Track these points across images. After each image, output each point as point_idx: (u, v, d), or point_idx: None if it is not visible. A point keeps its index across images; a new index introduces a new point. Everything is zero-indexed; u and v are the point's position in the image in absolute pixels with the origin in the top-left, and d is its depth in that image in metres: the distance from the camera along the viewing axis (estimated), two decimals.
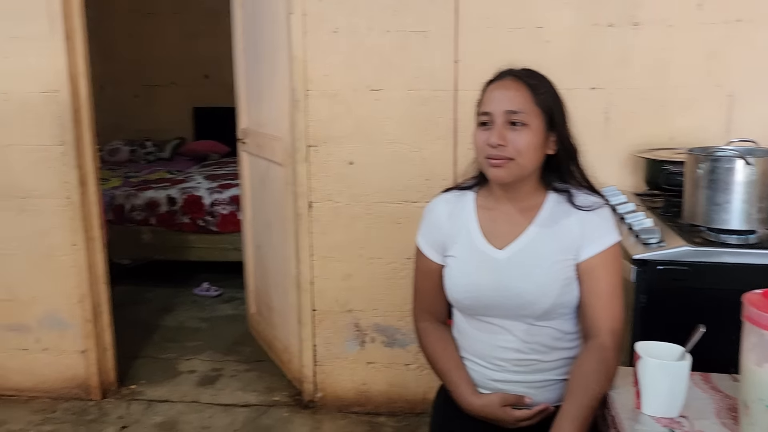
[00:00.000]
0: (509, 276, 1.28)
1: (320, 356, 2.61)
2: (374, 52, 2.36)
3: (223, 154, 5.79)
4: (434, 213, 1.42)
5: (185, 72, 6.01)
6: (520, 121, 1.26)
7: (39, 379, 2.74)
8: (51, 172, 2.58)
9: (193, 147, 5.82)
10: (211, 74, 6.00)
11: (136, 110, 6.07)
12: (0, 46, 2.50)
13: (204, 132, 6.09)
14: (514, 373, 1.31)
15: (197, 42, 5.95)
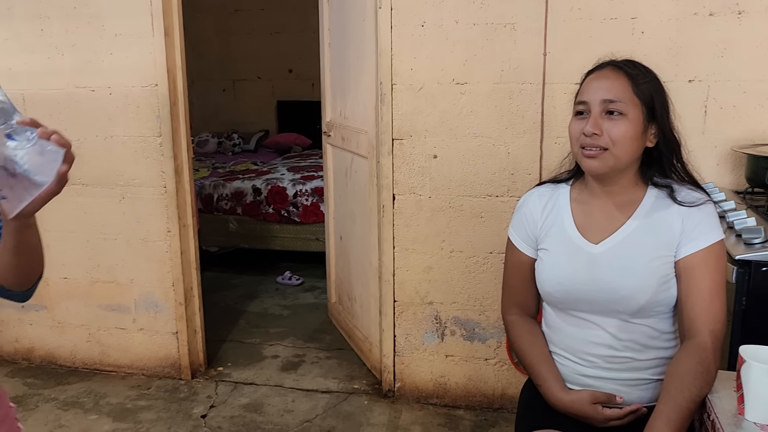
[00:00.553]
0: (604, 271, 1.25)
1: (400, 347, 2.64)
2: (460, 46, 2.35)
3: (304, 146, 5.93)
4: (527, 206, 1.41)
5: (270, 66, 6.19)
6: (618, 110, 1.23)
7: (135, 357, 2.91)
8: (149, 162, 2.72)
9: (277, 139, 5.98)
10: (295, 68, 6.15)
11: (224, 104, 6.30)
12: (105, 43, 2.66)
13: (287, 125, 6.25)
14: (605, 370, 1.28)
15: (282, 37, 6.11)
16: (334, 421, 2.51)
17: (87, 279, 2.88)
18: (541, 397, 1.34)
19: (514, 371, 2.54)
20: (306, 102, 6.12)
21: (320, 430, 2.46)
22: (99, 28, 2.65)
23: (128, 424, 2.51)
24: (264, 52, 6.16)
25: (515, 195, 2.40)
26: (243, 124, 6.30)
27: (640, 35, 2.19)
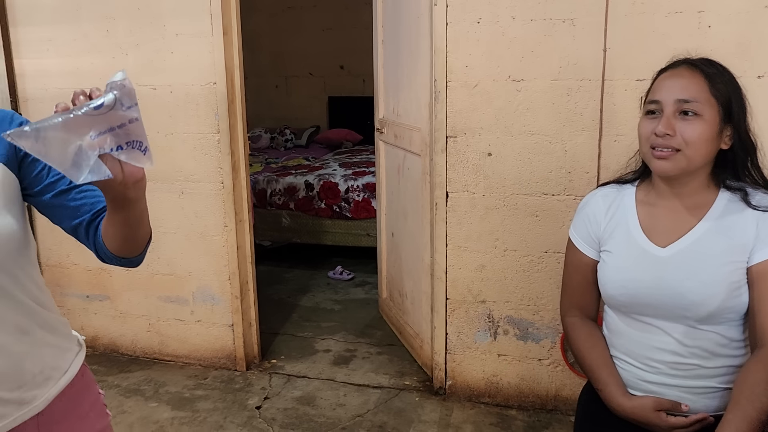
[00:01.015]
0: (672, 275, 1.22)
1: (451, 345, 2.64)
2: (517, 42, 2.32)
3: (355, 142, 5.97)
4: (590, 206, 1.38)
5: (322, 63, 6.25)
6: (693, 111, 1.19)
7: (192, 347, 3.00)
8: (207, 159, 2.79)
9: (328, 135, 6.04)
10: (346, 65, 6.19)
11: (276, 100, 6.41)
12: (167, 42, 2.73)
13: (338, 121, 6.30)
14: (670, 377, 1.25)
15: (334, 34, 6.16)
16: (386, 417, 2.53)
17: (147, 271, 2.97)
18: (601, 402, 1.32)
19: (568, 372, 2.50)
20: (357, 98, 6.17)
21: (372, 425, 2.48)
22: (161, 28, 2.72)
23: (186, 413, 2.59)
24: (316, 48, 6.23)
25: (572, 194, 2.37)
26: (295, 119, 6.39)
27: (707, 29, 2.12)
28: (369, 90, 6.18)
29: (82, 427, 1.07)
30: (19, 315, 0.97)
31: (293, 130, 6.15)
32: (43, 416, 1.00)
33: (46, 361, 1.01)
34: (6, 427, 0.95)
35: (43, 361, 1.01)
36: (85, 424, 1.08)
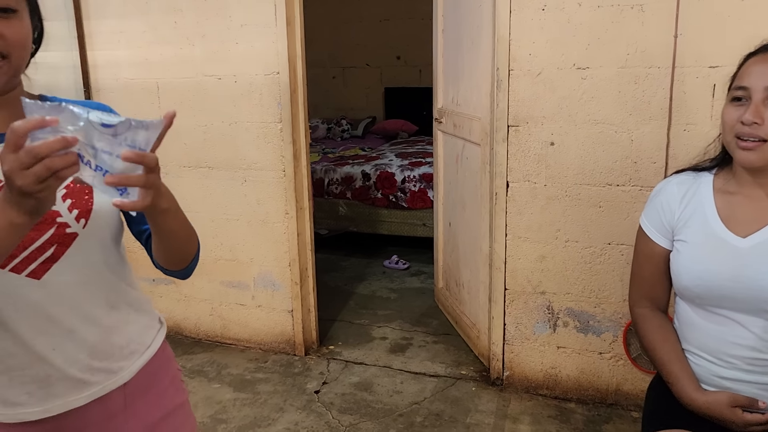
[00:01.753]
0: (753, 267, 1.18)
1: (509, 335, 2.62)
2: (583, 29, 2.28)
3: (411, 132, 5.97)
4: (665, 194, 1.33)
5: (378, 53, 6.27)
6: None
7: (253, 332, 3.07)
8: (270, 147, 2.84)
9: (384, 125, 6.06)
10: (403, 55, 6.19)
11: (333, 90, 6.46)
12: (232, 33, 2.79)
13: (393, 111, 6.31)
14: (746, 373, 1.21)
15: (391, 24, 6.16)
16: (442, 405, 2.54)
17: (210, 257, 3.06)
18: (672, 396, 1.29)
19: (630, 367, 2.45)
20: (413, 88, 6.16)
21: (429, 413, 2.50)
22: (226, 19, 2.79)
23: (247, 395, 2.66)
24: (373, 39, 6.25)
25: (638, 184, 2.31)
26: (351, 110, 6.43)
27: None
28: (425, 81, 6.19)
29: (162, 401, 1.12)
30: (111, 291, 1.03)
31: (350, 121, 6.19)
32: (129, 387, 1.05)
33: (131, 335, 1.07)
34: (96, 394, 1.00)
35: (129, 336, 1.06)
36: (165, 397, 1.13)
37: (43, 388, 0.96)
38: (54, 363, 0.96)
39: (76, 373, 0.98)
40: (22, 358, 0.95)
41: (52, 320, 0.95)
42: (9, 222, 0.74)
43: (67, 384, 0.98)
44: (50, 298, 0.95)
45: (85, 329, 0.99)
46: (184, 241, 0.99)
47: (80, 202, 0.97)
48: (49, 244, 0.94)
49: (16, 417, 0.96)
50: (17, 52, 0.90)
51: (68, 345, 0.97)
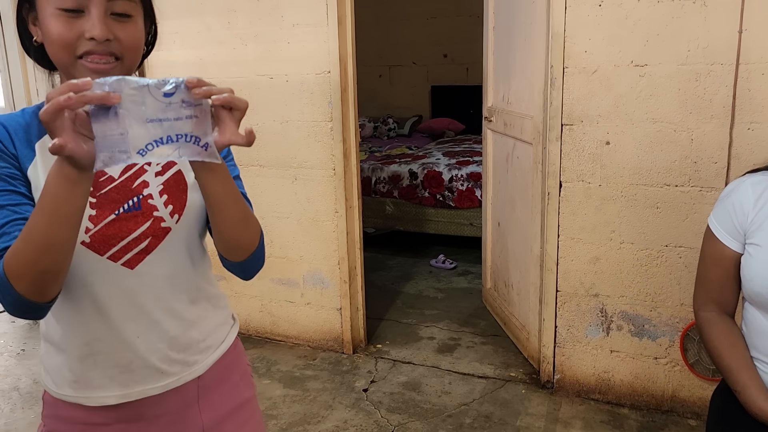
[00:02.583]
0: None
1: (561, 338, 2.58)
2: (641, 25, 2.22)
3: (457, 131, 5.93)
4: (737, 195, 1.26)
5: (425, 52, 6.24)
6: None
7: (302, 329, 3.10)
8: (320, 146, 2.86)
9: (430, 124, 6.04)
10: (450, 53, 6.15)
11: (380, 89, 6.46)
12: (284, 33, 2.82)
13: (440, 110, 6.28)
14: None
15: (438, 22, 6.13)
16: (492, 407, 2.52)
17: None
18: (739, 406, 1.24)
19: (687, 373, 2.38)
20: (460, 87, 6.12)
21: (478, 414, 2.47)
22: (279, 19, 2.82)
23: (297, 391, 2.69)
24: (419, 37, 6.23)
25: (697, 185, 2.24)
26: (397, 109, 6.43)
27: None
28: (472, 79, 6.15)
29: (233, 395, 1.14)
30: (193, 287, 1.07)
31: (396, 119, 6.19)
32: (203, 380, 1.08)
33: (208, 330, 1.09)
34: (172, 384, 1.04)
35: (206, 331, 1.09)
36: (236, 392, 1.15)
37: (124, 374, 1.00)
38: (137, 350, 1.00)
39: (156, 362, 1.02)
40: (109, 343, 0.99)
41: (140, 309, 1.00)
42: (59, 171, 0.77)
43: (146, 372, 1.01)
44: (141, 288, 0.99)
45: (167, 321, 1.02)
46: (238, 222, 0.98)
47: (175, 198, 1.01)
48: (145, 236, 0.98)
49: (97, 400, 1.00)
50: (130, 54, 0.94)
51: (151, 335, 1.01)
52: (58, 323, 0.99)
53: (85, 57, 0.91)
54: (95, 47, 0.91)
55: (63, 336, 1.00)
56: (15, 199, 0.90)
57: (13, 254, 0.83)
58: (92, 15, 0.90)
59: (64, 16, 0.90)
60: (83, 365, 0.99)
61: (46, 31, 0.91)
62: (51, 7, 0.90)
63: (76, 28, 0.90)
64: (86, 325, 0.98)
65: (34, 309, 0.87)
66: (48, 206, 0.79)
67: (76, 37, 0.90)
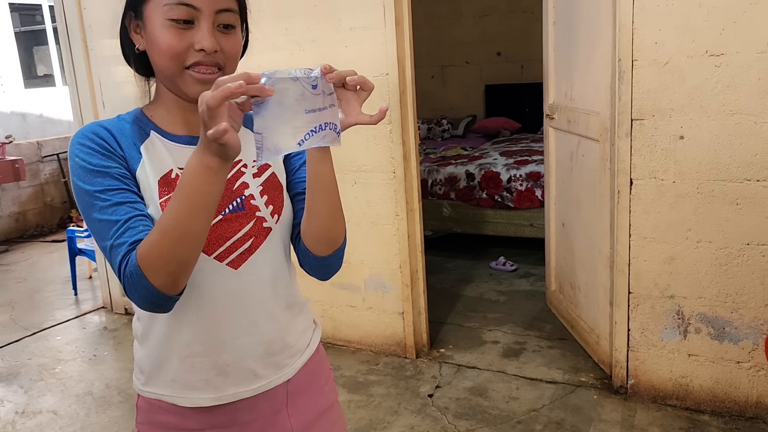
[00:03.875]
0: None
1: (634, 342, 2.48)
2: (716, 13, 2.11)
3: (513, 130, 5.83)
4: None
5: (478, 51, 6.16)
6: None
7: (364, 333, 3.09)
8: (380, 149, 2.84)
9: (485, 124, 5.96)
10: (503, 51, 6.06)
11: (433, 90, 6.41)
12: (342, 36, 2.81)
13: (494, 109, 6.19)
14: None
15: (490, 20, 6.05)
16: (563, 413, 2.44)
17: None
18: None
19: None
20: (515, 85, 6.02)
21: (548, 420, 2.40)
22: (335, 23, 2.81)
23: (362, 397, 2.67)
24: (472, 36, 6.15)
25: None
26: (451, 109, 6.36)
27: None
28: (527, 76, 6.04)
29: (319, 399, 1.14)
30: (288, 290, 1.09)
31: (450, 120, 6.13)
32: (291, 384, 1.08)
33: (297, 334, 1.11)
34: (263, 387, 1.04)
35: (296, 334, 1.10)
36: (321, 396, 1.15)
37: (220, 375, 1.01)
38: (234, 352, 1.01)
39: (251, 364, 1.03)
40: (208, 344, 1.00)
41: (242, 311, 1.01)
42: (200, 161, 0.80)
43: (241, 375, 1.02)
44: (244, 289, 1.00)
45: (266, 324, 1.04)
46: (335, 210, 1.03)
47: (275, 198, 1.05)
48: (248, 236, 1.00)
49: (192, 401, 1.01)
50: (231, 63, 0.97)
51: (250, 337, 1.02)
52: (159, 323, 1.01)
53: (193, 67, 0.94)
54: (204, 58, 0.94)
55: (164, 336, 1.01)
56: (131, 197, 0.92)
57: (149, 247, 0.85)
58: (202, 27, 0.93)
59: (175, 27, 0.92)
60: (182, 365, 1.01)
61: (155, 40, 0.94)
62: (161, 18, 0.92)
63: (186, 39, 0.93)
64: (189, 326, 0.99)
65: (164, 301, 0.89)
66: (188, 196, 0.82)
67: (186, 48, 0.93)
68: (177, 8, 0.91)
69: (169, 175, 0.96)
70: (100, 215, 0.89)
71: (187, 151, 0.97)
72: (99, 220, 0.90)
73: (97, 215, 0.90)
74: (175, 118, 1.01)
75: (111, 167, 0.92)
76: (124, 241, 0.88)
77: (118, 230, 0.88)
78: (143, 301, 0.88)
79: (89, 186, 0.90)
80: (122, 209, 0.90)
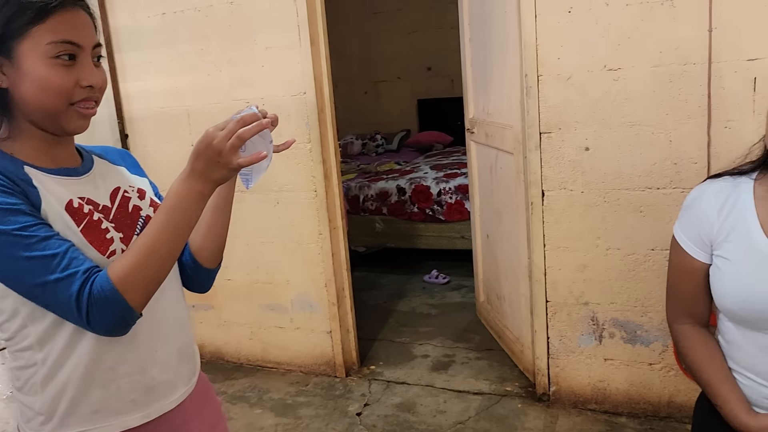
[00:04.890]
0: None
1: (554, 349, 2.53)
2: (612, 29, 2.20)
3: (446, 144, 5.92)
4: (701, 204, 1.20)
5: (409, 66, 6.25)
6: None
7: (293, 354, 3.06)
8: (300, 168, 2.84)
9: (418, 138, 6.03)
10: (434, 66, 6.15)
11: (366, 105, 6.46)
12: (258, 56, 2.80)
13: (428, 123, 6.27)
14: None
15: (420, 36, 6.14)
16: (488, 424, 2.47)
17: (247, 280, 3.06)
18: (720, 417, 1.19)
19: (683, 377, 2.34)
20: (446, 99, 6.11)
21: None
22: (251, 43, 2.80)
23: (289, 419, 2.64)
24: (403, 52, 6.24)
25: (679, 186, 2.21)
26: (385, 124, 6.42)
27: None
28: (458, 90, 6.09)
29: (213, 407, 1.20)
30: (183, 297, 1.15)
31: (384, 135, 6.18)
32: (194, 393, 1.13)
33: (195, 349, 1.16)
34: (180, 398, 1.08)
35: (193, 349, 1.16)
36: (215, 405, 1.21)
37: (147, 393, 1.03)
38: (157, 366, 1.04)
39: (170, 375, 1.06)
40: (135, 362, 1.01)
41: (158, 323, 1.04)
42: (191, 188, 0.91)
43: (163, 388, 1.05)
44: (159, 302, 1.01)
45: (177, 333, 1.09)
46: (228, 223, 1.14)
47: None
48: None
49: (120, 426, 1.01)
50: (102, 95, 1.01)
51: (167, 348, 1.06)
52: (76, 357, 0.97)
53: (79, 104, 0.97)
54: (90, 94, 0.97)
55: (83, 369, 0.98)
56: (52, 230, 0.92)
57: (130, 269, 0.89)
58: (85, 63, 0.96)
59: (61, 65, 0.94)
60: (106, 392, 0.99)
61: (38, 78, 0.93)
62: (43, 56, 0.93)
63: (72, 76, 0.95)
64: (116, 347, 0.99)
65: (134, 322, 0.92)
66: (178, 219, 0.91)
67: (73, 85, 0.95)
68: (61, 45, 0.93)
69: (71, 204, 0.97)
70: (30, 252, 0.88)
71: (71, 182, 1.00)
72: (29, 257, 0.87)
73: (25, 253, 0.87)
74: (43, 154, 1.00)
75: (19, 204, 0.90)
76: (74, 271, 0.88)
77: (61, 263, 0.88)
78: (113, 324, 0.90)
79: (6, 226, 0.88)
80: (53, 243, 0.89)
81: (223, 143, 0.89)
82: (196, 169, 0.91)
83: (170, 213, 0.91)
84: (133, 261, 0.89)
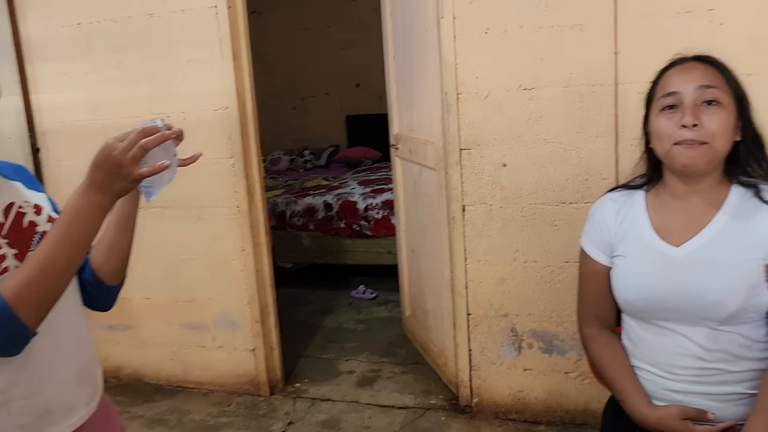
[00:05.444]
0: (689, 276, 1.17)
1: (476, 361, 2.58)
2: (526, 51, 2.29)
3: (374, 159, 5.96)
4: (600, 212, 1.34)
5: (338, 82, 6.28)
6: (715, 99, 1.15)
7: (215, 374, 2.98)
8: (222, 184, 2.79)
9: (347, 154, 6.05)
10: (362, 82, 6.21)
11: (294, 121, 6.44)
12: (179, 69, 2.76)
13: (356, 139, 6.31)
14: (694, 384, 1.19)
15: (348, 53, 6.19)
16: None
17: (168, 298, 2.97)
18: (626, 416, 1.26)
19: (597, 385, 2.40)
20: (374, 115, 6.15)
21: None
22: (173, 57, 2.75)
23: None
24: (331, 68, 6.26)
25: (590, 201, 2.31)
26: (313, 140, 6.41)
27: (720, 27, 2.06)
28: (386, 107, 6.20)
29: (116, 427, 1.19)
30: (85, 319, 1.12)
31: (312, 151, 6.17)
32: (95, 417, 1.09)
33: (96, 364, 1.14)
34: (78, 422, 1.04)
35: (95, 364, 1.13)
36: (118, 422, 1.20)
37: (41, 417, 0.98)
38: (52, 388, 1.00)
39: (67, 398, 1.02)
40: (28, 384, 0.97)
41: (55, 341, 1.00)
42: (90, 200, 0.90)
43: (59, 411, 1.01)
44: (56, 320, 0.97)
45: (76, 351, 1.06)
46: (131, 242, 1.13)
47: None
48: None
49: None
50: None
51: (64, 369, 1.02)
52: None
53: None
54: None
55: None
56: None
57: (24, 285, 0.86)
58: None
59: None
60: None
61: None
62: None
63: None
64: (8, 369, 0.95)
65: (28, 340, 0.89)
66: (76, 233, 0.89)
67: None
68: None
69: None
70: None
71: None
72: None
73: None
74: None
75: None
76: None
77: None
78: (5, 342, 0.88)
79: None
80: None
81: (124, 154, 0.88)
82: (95, 181, 0.89)
83: (68, 226, 0.89)
84: (28, 276, 0.87)
